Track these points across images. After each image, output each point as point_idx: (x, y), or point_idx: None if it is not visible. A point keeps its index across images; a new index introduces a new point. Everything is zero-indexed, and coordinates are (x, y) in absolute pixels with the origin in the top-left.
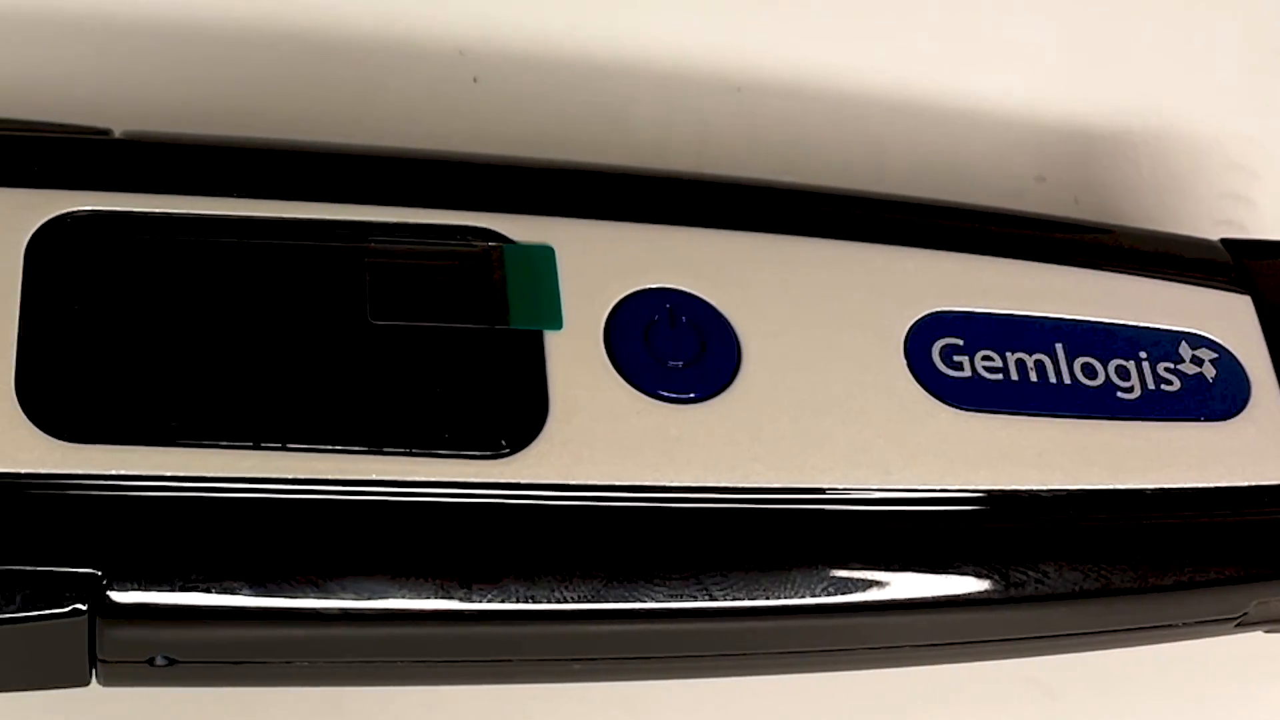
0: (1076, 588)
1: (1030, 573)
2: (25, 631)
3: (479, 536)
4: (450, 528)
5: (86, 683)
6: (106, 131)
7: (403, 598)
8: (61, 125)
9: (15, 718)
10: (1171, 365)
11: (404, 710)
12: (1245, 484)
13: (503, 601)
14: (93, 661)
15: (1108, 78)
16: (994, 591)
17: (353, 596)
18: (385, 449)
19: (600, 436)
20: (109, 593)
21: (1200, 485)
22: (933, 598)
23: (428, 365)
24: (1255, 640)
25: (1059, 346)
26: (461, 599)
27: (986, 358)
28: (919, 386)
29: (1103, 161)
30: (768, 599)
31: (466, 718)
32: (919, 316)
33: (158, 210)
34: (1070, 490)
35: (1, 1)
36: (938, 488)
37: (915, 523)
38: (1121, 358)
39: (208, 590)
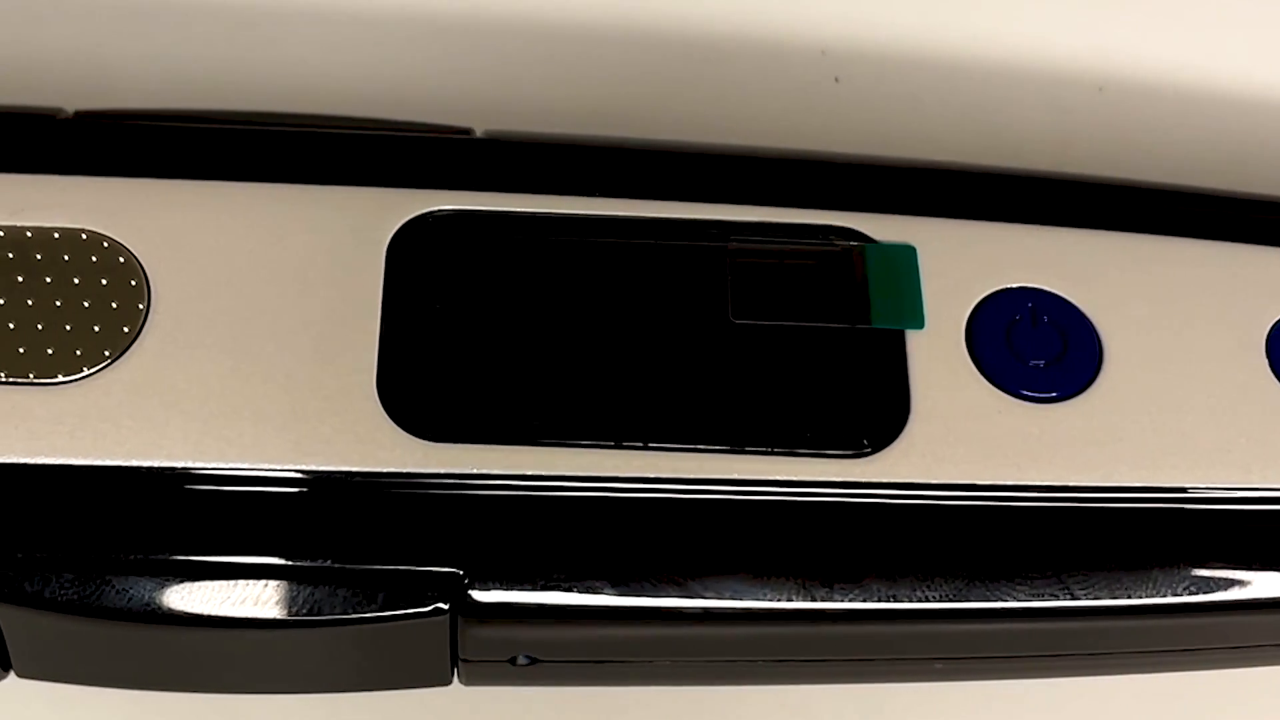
0: None
1: None
2: (387, 630)
3: (841, 536)
4: (812, 527)
5: (449, 682)
6: (468, 131)
7: (764, 597)
8: (424, 125)
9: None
10: None
11: (763, 711)
12: None
13: (864, 601)
14: (454, 661)
15: None
16: None
17: (714, 596)
18: (747, 448)
19: (962, 436)
20: (470, 592)
21: None
22: None
23: (789, 364)
24: None
25: None
26: (823, 598)
27: None
28: None
29: None
30: (1129, 598)
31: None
32: None
33: (518, 209)
34: None
35: (368, 4)
36: None
37: (1277, 522)
38: None
39: (569, 589)
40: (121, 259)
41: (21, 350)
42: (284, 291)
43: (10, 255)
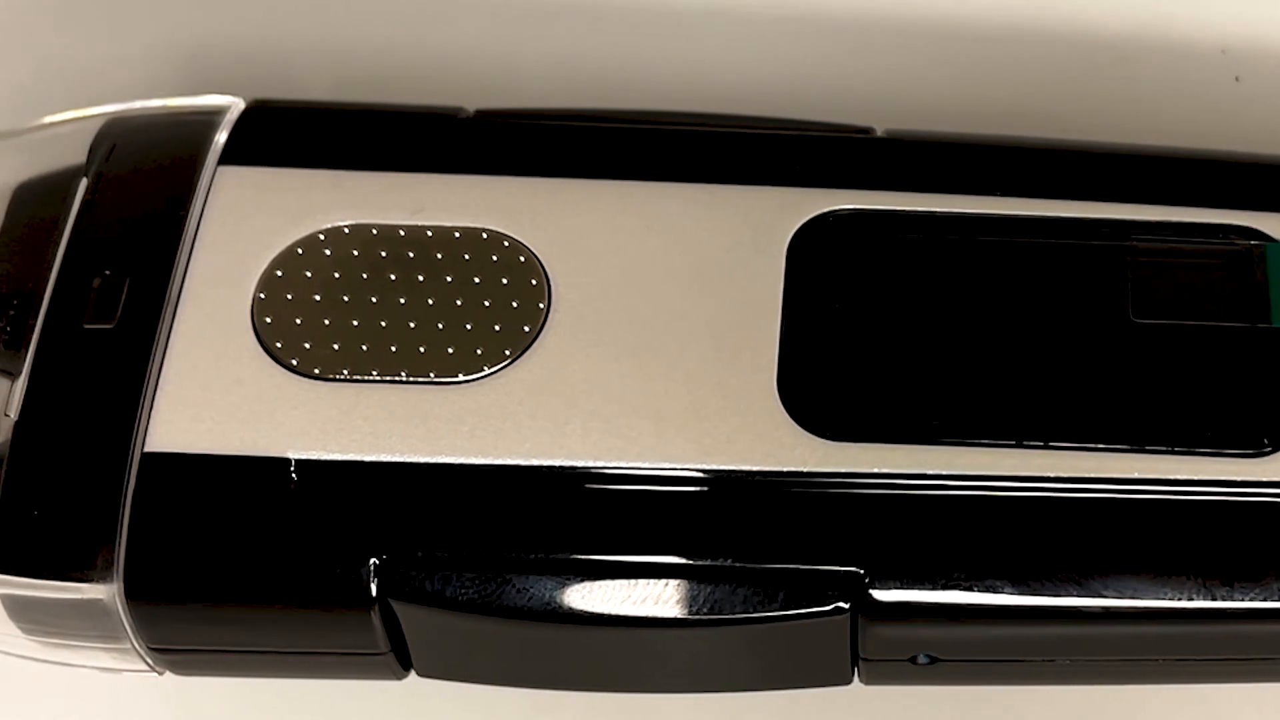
0: None
1: None
2: (788, 630)
3: (1241, 534)
4: (1212, 526)
5: (849, 681)
6: (869, 130)
7: (1165, 596)
8: (825, 124)
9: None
10: None
11: (1164, 711)
12: None
13: (1266, 600)
14: (855, 660)
15: None
16: None
17: (1115, 595)
18: (1147, 448)
19: None
20: (871, 591)
21: None
22: None
23: (1189, 363)
24: None
25: None
26: (1224, 597)
27: None
28: None
29: None
30: None
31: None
32: None
33: (918, 209)
34: None
35: (770, 2)
36: None
37: None
38: None
39: (970, 589)
40: (522, 258)
41: (422, 349)
42: (684, 291)
43: (411, 255)
